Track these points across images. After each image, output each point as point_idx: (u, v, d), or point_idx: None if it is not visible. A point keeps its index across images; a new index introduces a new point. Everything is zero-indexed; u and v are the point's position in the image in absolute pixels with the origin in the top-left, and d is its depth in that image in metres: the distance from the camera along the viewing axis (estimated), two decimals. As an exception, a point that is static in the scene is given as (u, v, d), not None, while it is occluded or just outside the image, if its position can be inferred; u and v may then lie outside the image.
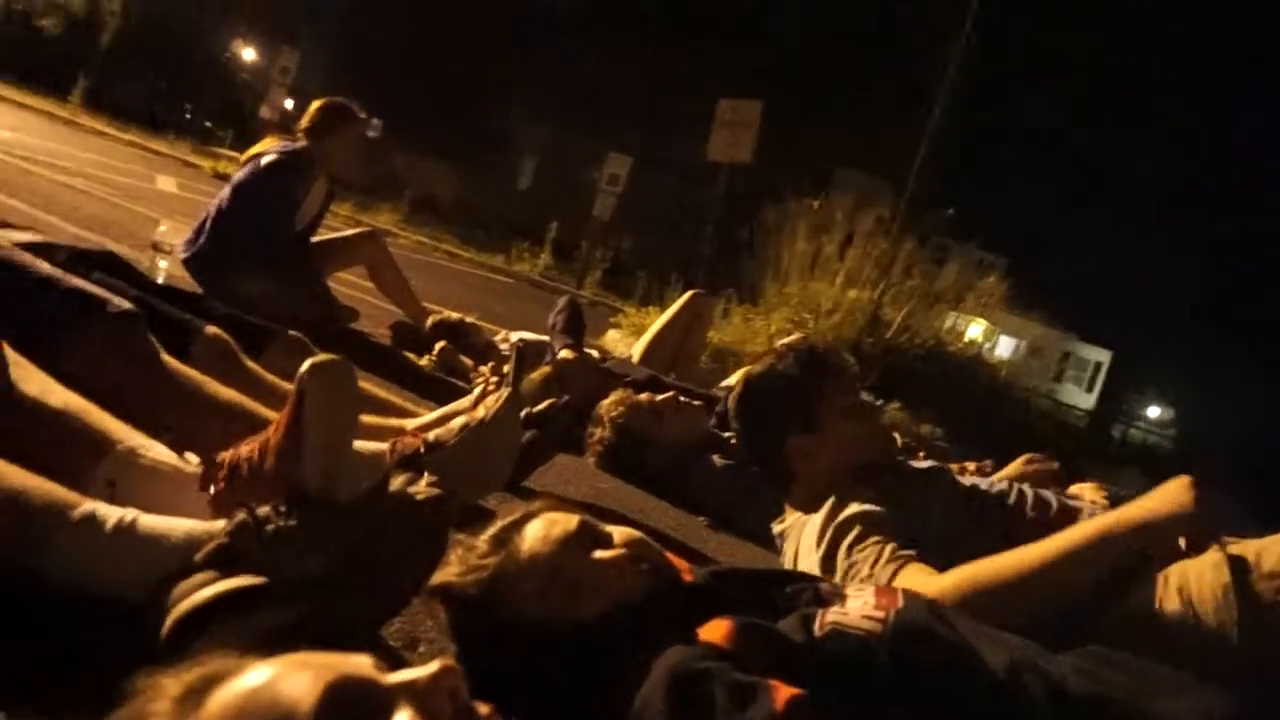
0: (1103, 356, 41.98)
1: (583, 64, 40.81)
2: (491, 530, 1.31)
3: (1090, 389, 40.77)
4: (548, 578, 1.24)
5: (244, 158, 4.51)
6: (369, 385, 2.78)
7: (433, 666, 0.69)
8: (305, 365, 1.27)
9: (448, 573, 1.26)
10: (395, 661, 1.22)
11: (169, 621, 1.08)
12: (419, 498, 1.17)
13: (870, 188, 10.42)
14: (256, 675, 0.68)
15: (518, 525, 1.30)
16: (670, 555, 1.42)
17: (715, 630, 1.15)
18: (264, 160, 4.26)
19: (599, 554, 1.27)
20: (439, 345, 4.15)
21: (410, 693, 0.68)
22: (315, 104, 4.43)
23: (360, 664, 0.71)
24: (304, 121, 4.40)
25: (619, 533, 1.33)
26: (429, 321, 4.42)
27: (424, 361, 4.07)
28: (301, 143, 4.34)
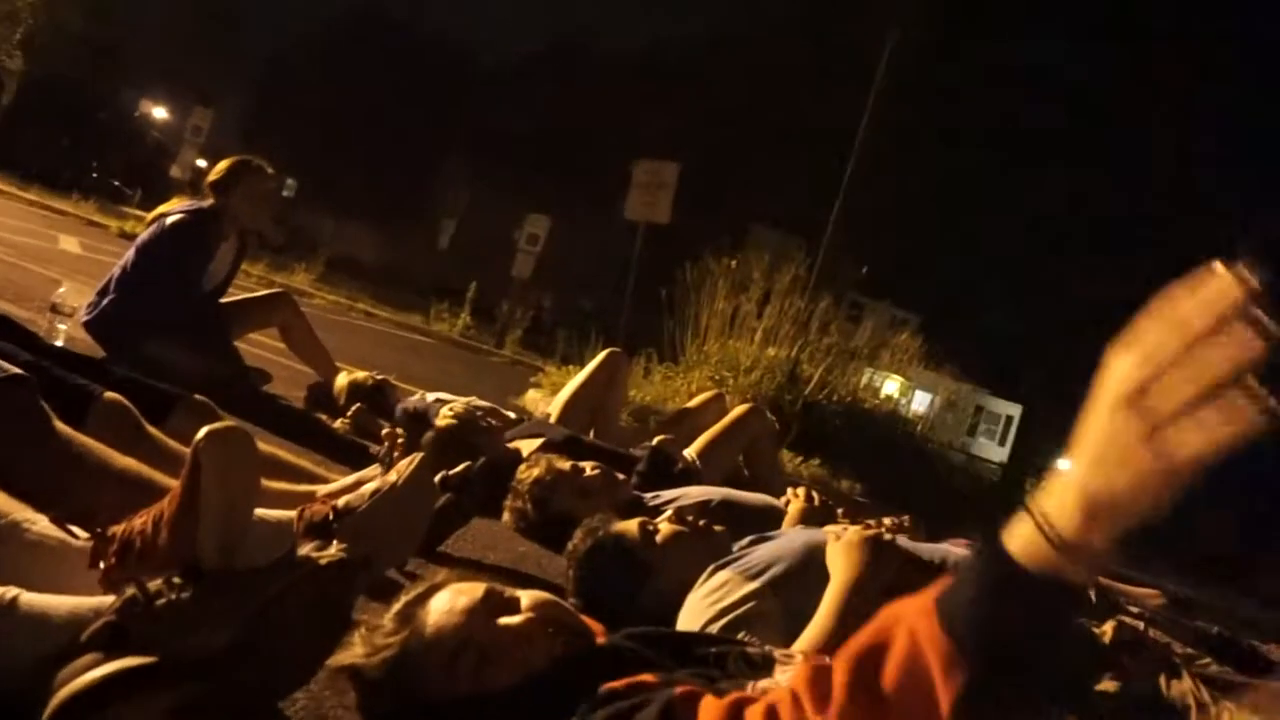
0: (1013, 410, 43.08)
1: (503, 124, 41.06)
2: (396, 606, 1.27)
3: (1003, 442, 41.75)
4: (455, 650, 1.20)
5: (149, 217, 4.41)
6: (280, 450, 2.70)
7: None
8: (201, 434, 1.22)
9: (353, 653, 1.21)
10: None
11: (52, 707, 1.01)
12: (323, 563, 1.12)
13: (786, 245, 10.60)
14: None
15: (422, 599, 1.27)
16: (585, 618, 1.39)
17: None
18: (169, 219, 4.17)
19: (506, 620, 1.24)
20: (354, 407, 4.06)
21: None
22: (222, 162, 4.37)
23: None
24: (210, 177, 4.33)
25: (528, 596, 1.30)
26: (343, 383, 4.32)
27: (338, 424, 3.98)
28: (209, 200, 4.26)
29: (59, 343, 3.54)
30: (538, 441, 3.71)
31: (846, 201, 9.62)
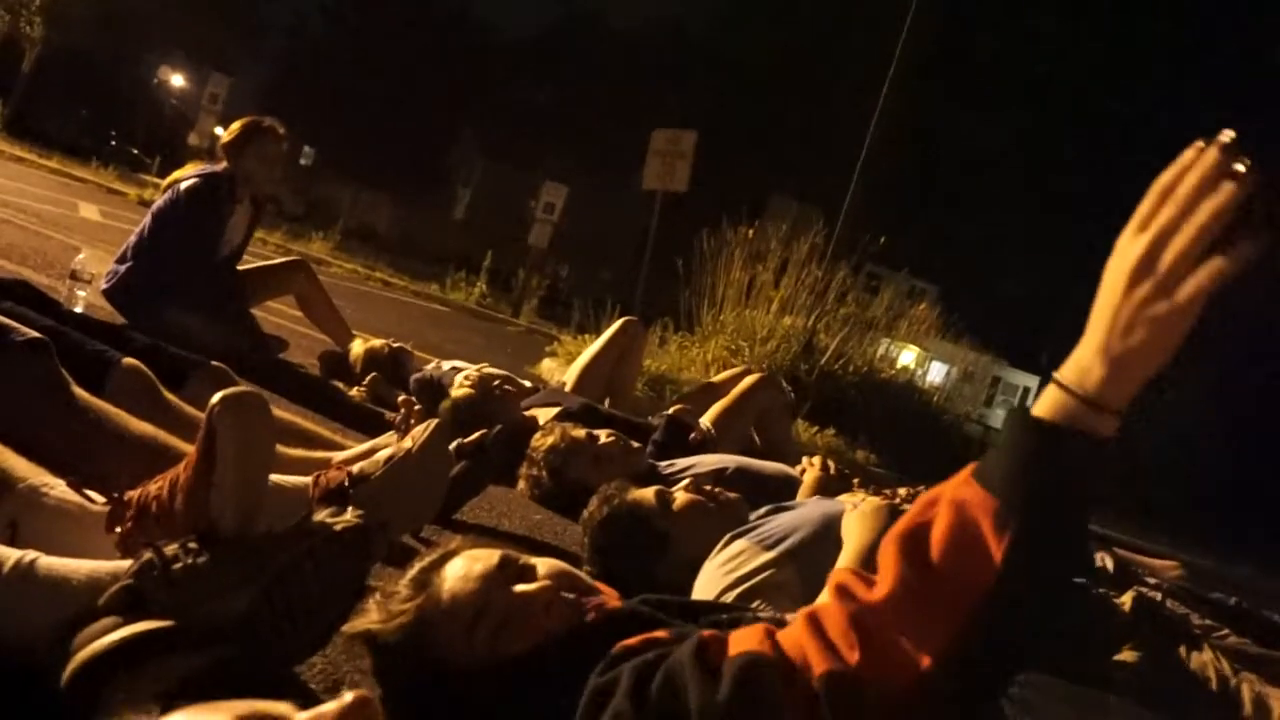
0: (1031, 381, 42.88)
1: (521, 95, 40.86)
2: (411, 572, 1.27)
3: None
4: (472, 617, 1.20)
5: (164, 183, 4.41)
6: (296, 417, 2.71)
7: (345, 698, 0.66)
8: (216, 399, 1.22)
9: (369, 619, 1.21)
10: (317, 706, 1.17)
11: (70, 670, 1.02)
12: (338, 529, 1.12)
13: (804, 215, 10.53)
14: None
15: (437, 565, 1.27)
16: (600, 584, 1.39)
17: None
18: (183, 185, 4.16)
19: (522, 587, 1.24)
20: (370, 376, 4.06)
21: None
22: (235, 123, 4.37)
23: (278, 709, 0.67)
24: (223, 139, 4.32)
25: (543, 564, 1.30)
26: (360, 350, 4.33)
27: (354, 392, 3.98)
28: (222, 164, 4.26)
29: (78, 309, 3.56)
30: (554, 410, 3.71)
31: (865, 171, 9.54)
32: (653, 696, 0.98)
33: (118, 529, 1.28)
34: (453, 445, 2.40)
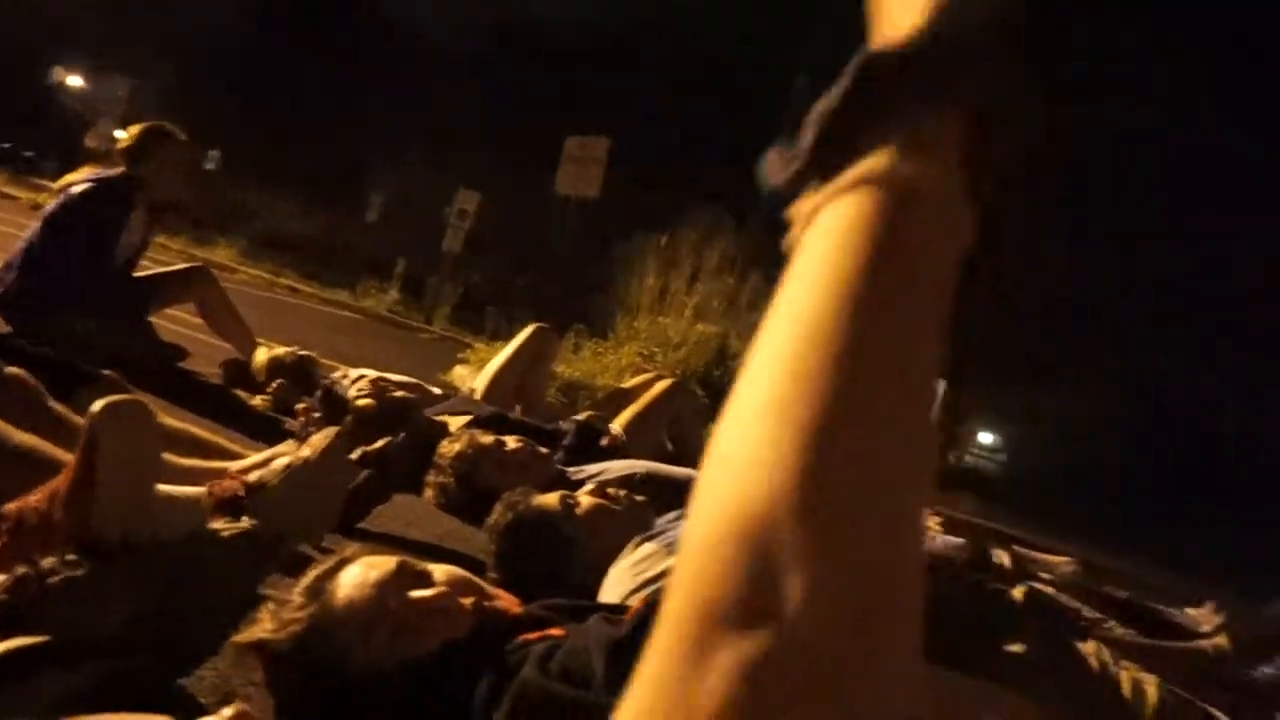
0: (938, 386, 43.90)
1: (434, 99, 40.45)
2: (305, 581, 1.25)
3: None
4: (369, 622, 1.19)
5: (56, 187, 4.27)
6: (192, 426, 2.64)
7: (226, 713, 0.65)
8: (96, 406, 1.19)
9: (261, 628, 1.19)
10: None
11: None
12: (227, 536, 1.11)
13: (719, 224, 10.66)
14: None
15: (332, 573, 1.25)
16: (499, 591, 1.39)
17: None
18: (75, 189, 4.04)
19: (419, 593, 1.23)
20: (275, 383, 3.98)
21: None
22: (133, 127, 4.25)
23: None
24: (121, 144, 4.20)
25: (440, 570, 1.30)
26: (263, 359, 4.24)
27: (257, 401, 3.90)
28: (119, 169, 4.14)
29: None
30: (464, 418, 3.68)
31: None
32: (556, 663, 0.99)
33: (-6, 542, 1.23)
34: (356, 454, 2.37)
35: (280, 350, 4.27)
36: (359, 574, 1.24)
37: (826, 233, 0.45)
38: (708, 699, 0.35)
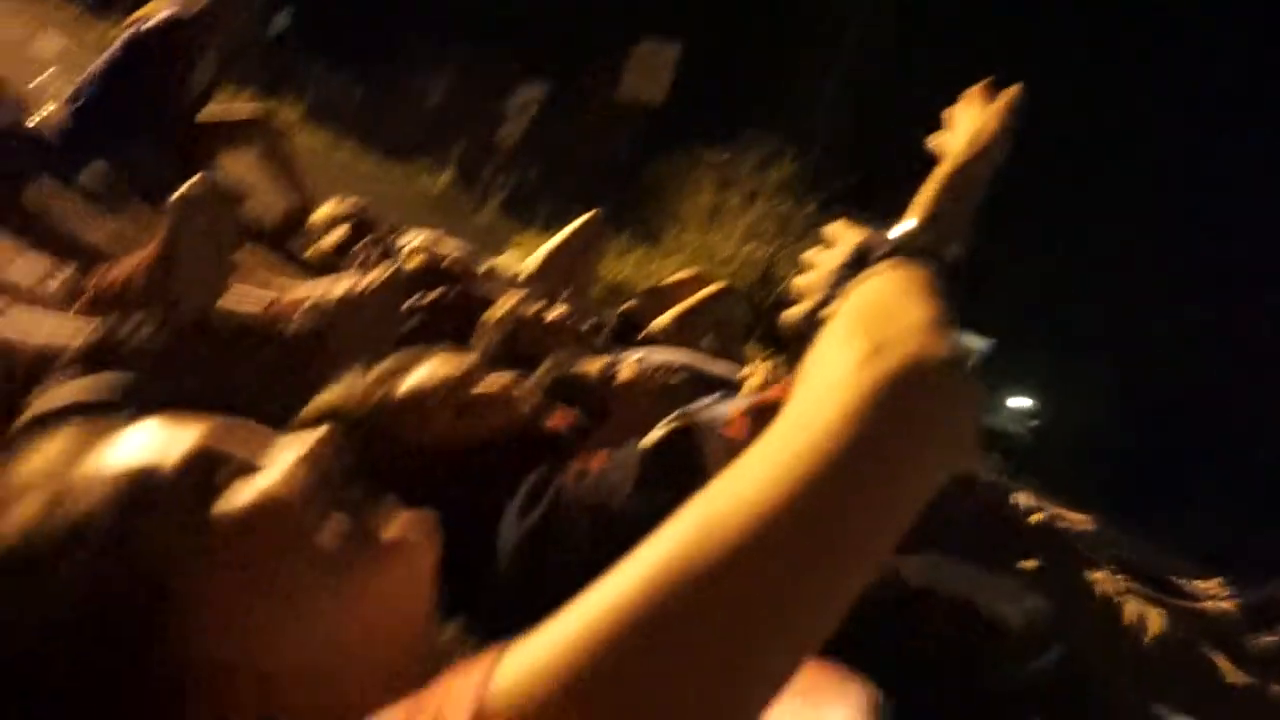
0: (980, 344, 43.56)
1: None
2: (384, 363, 1.31)
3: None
4: (439, 397, 1.25)
5: (134, 17, 4.29)
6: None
7: (304, 437, 0.70)
8: (182, 187, 1.24)
9: (335, 393, 1.25)
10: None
11: (22, 421, 1.05)
12: (294, 327, 1.16)
13: (781, 144, 10.53)
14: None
15: (412, 359, 1.32)
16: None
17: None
18: (155, 21, 4.06)
19: (483, 387, 1.30)
20: (337, 231, 4.03)
21: (282, 458, 0.69)
22: None
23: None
24: None
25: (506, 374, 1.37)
26: (325, 212, 4.29)
27: (310, 252, 3.97)
28: (198, 5, 4.15)
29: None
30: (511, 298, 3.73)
31: (843, 102, 9.56)
32: (591, 476, 1.05)
33: (76, 305, 1.30)
34: (408, 304, 2.42)
35: (343, 206, 4.31)
36: (433, 361, 1.30)
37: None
38: None
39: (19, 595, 0.62)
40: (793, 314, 0.94)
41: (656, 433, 1.21)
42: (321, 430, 0.70)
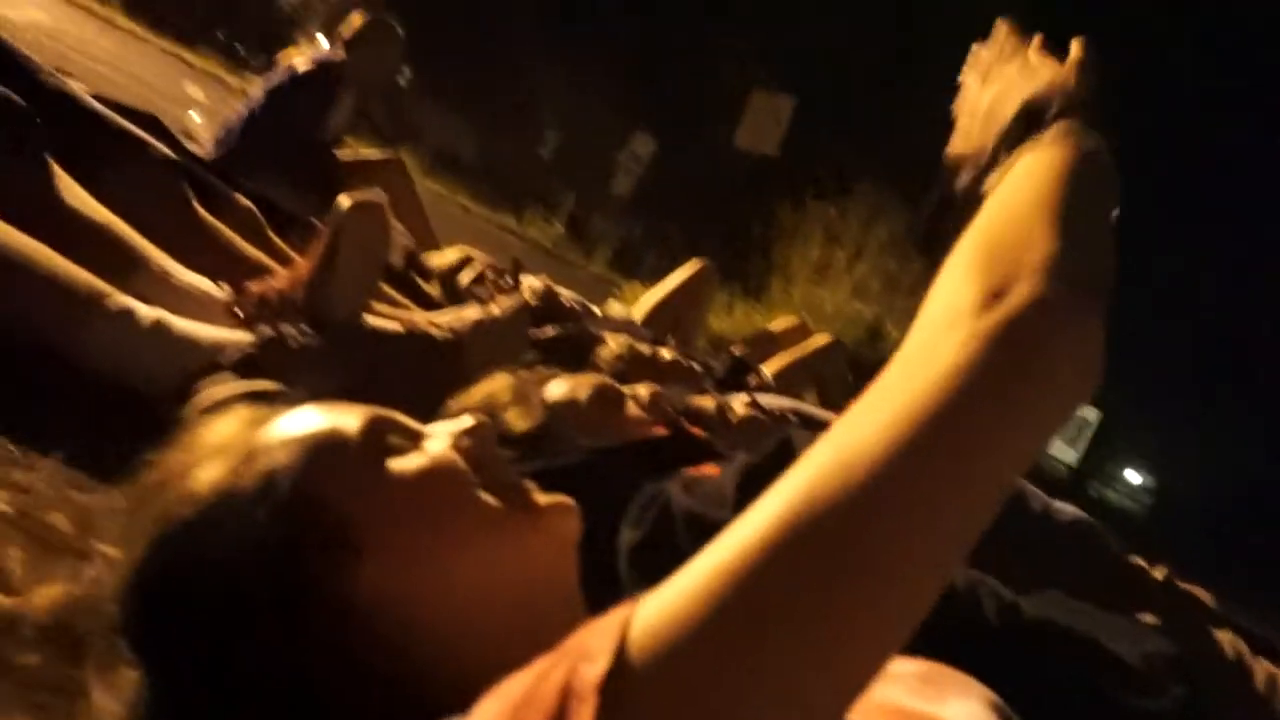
0: (1091, 414, 42.09)
1: (612, 36, 40.64)
2: (530, 376, 1.39)
3: (1075, 445, 40.92)
4: (580, 412, 1.31)
5: (279, 60, 4.55)
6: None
7: (465, 420, 0.75)
8: (344, 201, 1.32)
9: (486, 387, 1.32)
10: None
11: (193, 406, 1.13)
12: (437, 336, 1.23)
13: (889, 203, 10.50)
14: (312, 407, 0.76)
15: (547, 375, 1.39)
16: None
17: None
18: (299, 66, 4.31)
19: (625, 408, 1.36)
20: (465, 268, 4.16)
21: (446, 430, 0.74)
22: (356, 15, 4.49)
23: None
24: (344, 31, 4.45)
25: (642, 389, 1.42)
26: (453, 256, 4.44)
27: (430, 288, 4.10)
28: (339, 53, 4.39)
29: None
30: (623, 336, 3.81)
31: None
32: (700, 489, 1.09)
33: (240, 313, 1.39)
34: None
35: (465, 251, 4.47)
36: (574, 379, 1.37)
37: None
38: None
39: (216, 546, 0.68)
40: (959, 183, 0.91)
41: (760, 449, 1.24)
42: (479, 415, 0.76)
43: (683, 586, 0.44)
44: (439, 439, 0.74)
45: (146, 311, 1.24)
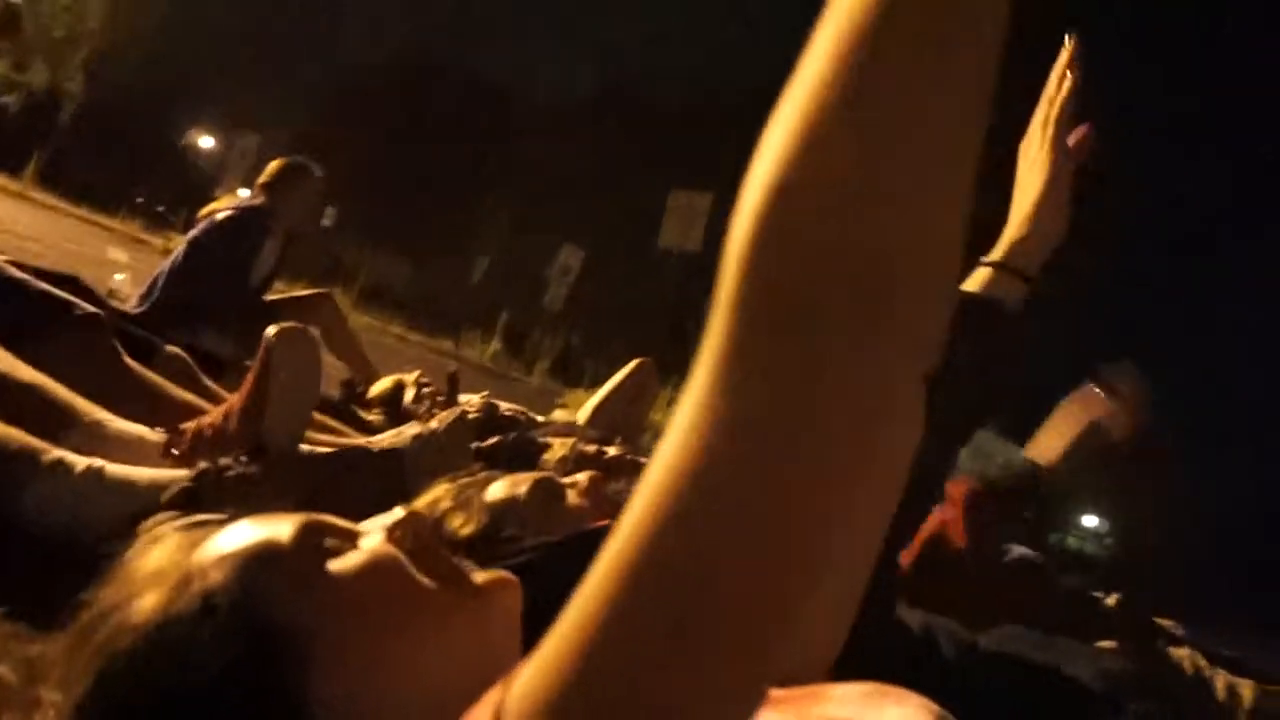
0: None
1: (541, 164, 41.69)
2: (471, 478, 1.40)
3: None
4: (523, 504, 1.33)
5: (201, 215, 4.60)
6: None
7: (397, 512, 0.77)
8: (272, 330, 1.35)
9: (425, 499, 1.33)
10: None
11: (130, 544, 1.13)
12: (376, 450, 1.24)
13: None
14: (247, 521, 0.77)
15: (489, 477, 1.40)
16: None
17: None
18: (220, 215, 4.35)
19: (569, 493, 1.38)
20: (415, 395, 4.17)
21: (380, 526, 0.76)
22: (274, 162, 4.56)
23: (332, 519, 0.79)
24: (262, 177, 4.51)
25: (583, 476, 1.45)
26: (388, 383, 4.45)
27: (374, 417, 4.10)
28: (259, 199, 4.45)
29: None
30: (568, 439, 3.82)
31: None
32: None
33: (174, 452, 1.40)
34: (471, 444, 2.51)
35: (405, 377, 4.48)
36: (513, 478, 1.38)
37: None
38: None
39: (162, 672, 0.68)
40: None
41: None
42: (410, 508, 0.78)
43: (543, 655, 0.42)
44: (374, 535, 0.76)
45: (78, 460, 1.25)
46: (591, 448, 3.17)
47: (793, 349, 0.38)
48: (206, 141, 37.88)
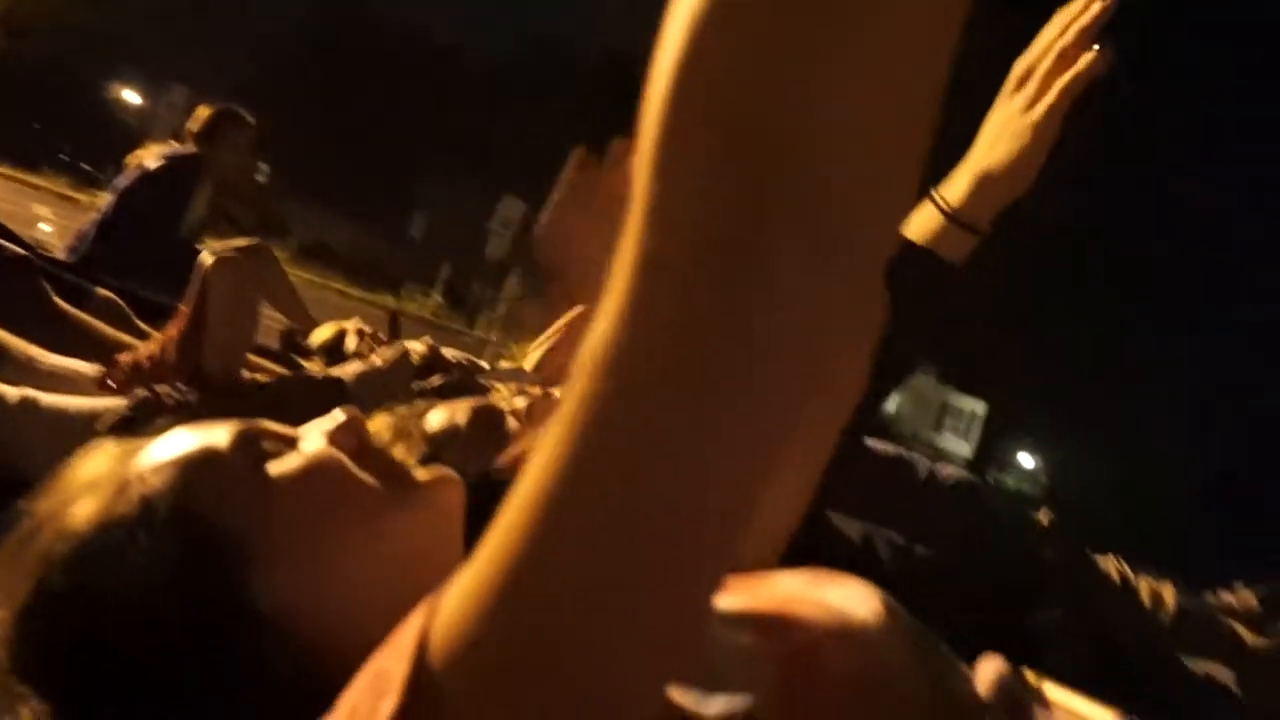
0: (978, 407, 43.65)
1: (480, 122, 41.14)
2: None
3: (968, 438, 42.29)
4: (467, 435, 1.33)
5: (130, 162, 4.47)
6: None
7: (337, 414, 0.78)
8: (206, 259, 1.33)
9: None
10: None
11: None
12: (316, 377, 1.24)
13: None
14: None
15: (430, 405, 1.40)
16: None
17: None
18: (148, 165, 4.24)
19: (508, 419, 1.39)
20: (356, 341, 4.12)
21: (319, 428, 0.76)
22: (204, 109, 4.44)
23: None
24: (192, 125, 4.39)
25: (520, 399, 1.44)
26: (328, 332, 4.39)
27: (312, 365, 4.06)
28: (190, 148, 4.34)
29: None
30: (513, 385, 3.83)
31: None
32: None
33: (110, 384, 1.38)
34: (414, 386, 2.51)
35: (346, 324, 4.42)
36: (451, 406, 1.38)
37: None
38: None
39: (102, 577, 0.68)
40: None
41: None
42: (349, 408, 0.78)
43: (465, 584, 0.38)
44: (313, 438, 0.76)
45: (14, 392, 1.23)
46: (538, 391, 3.19)
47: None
48: (132, 97, 36.71)
